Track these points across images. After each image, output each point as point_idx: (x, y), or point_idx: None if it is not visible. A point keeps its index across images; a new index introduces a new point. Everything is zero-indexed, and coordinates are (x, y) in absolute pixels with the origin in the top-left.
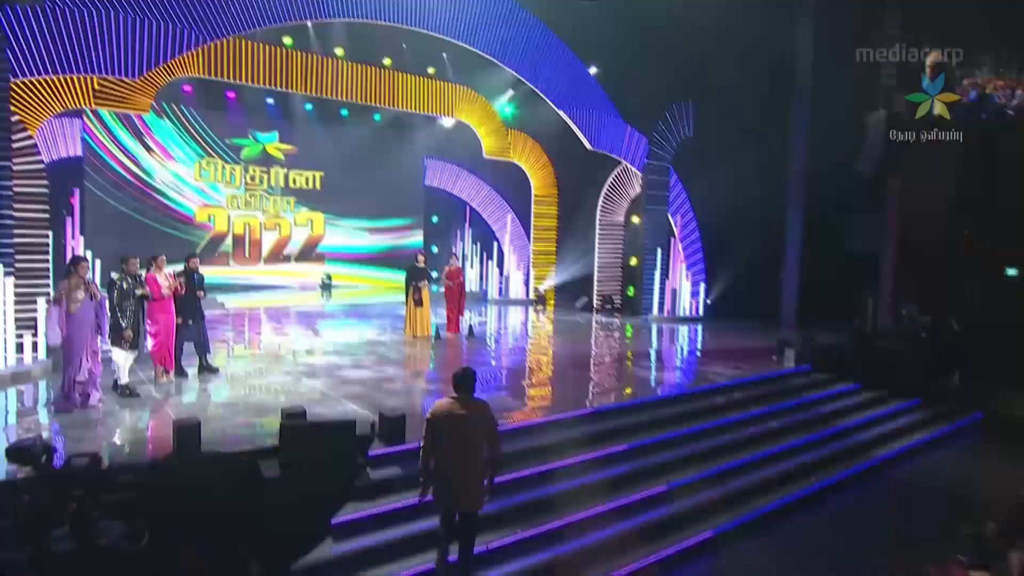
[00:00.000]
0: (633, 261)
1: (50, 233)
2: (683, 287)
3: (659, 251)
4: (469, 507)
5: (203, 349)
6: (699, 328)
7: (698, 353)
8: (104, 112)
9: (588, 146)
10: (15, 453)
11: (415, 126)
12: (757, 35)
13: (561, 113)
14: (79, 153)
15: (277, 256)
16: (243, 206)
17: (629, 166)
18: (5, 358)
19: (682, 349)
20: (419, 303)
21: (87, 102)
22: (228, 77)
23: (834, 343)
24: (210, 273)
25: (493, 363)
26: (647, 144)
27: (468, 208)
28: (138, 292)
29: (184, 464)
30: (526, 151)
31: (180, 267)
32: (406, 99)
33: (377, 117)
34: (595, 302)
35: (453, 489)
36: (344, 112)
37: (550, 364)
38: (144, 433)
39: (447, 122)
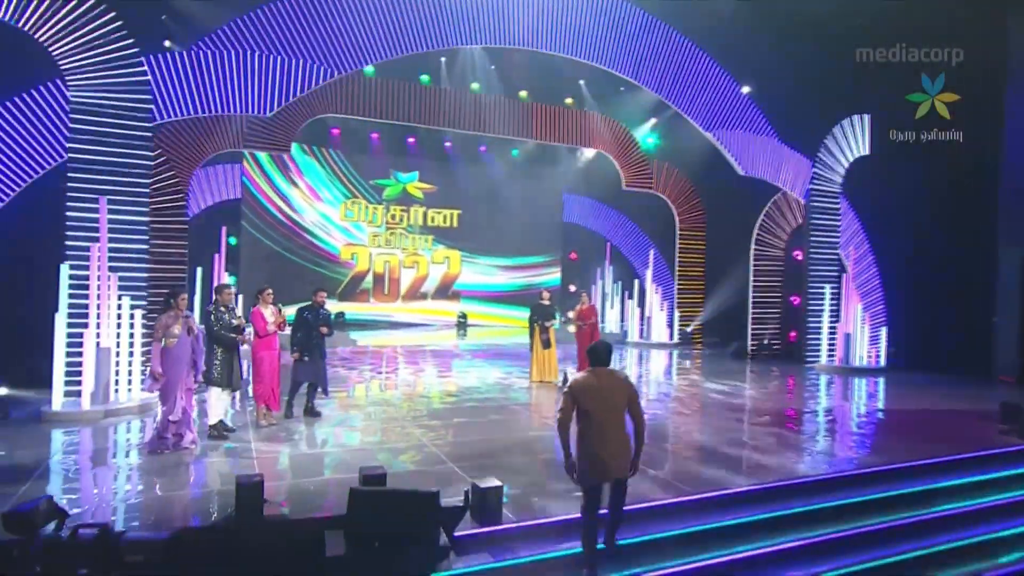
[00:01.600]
0: (795, 301)
1: (199, 269)
2: (858, 332)
3: (827, 289)
4: (620, 474)
5: (314, 389)
6: (880, 382)
7: (880, 415)
8: (261, 156)
9: (740, 172)
10: (10, 519)
11: (553, 160)
12: (950, 24)
13: (709, 136)
14: (238, 195)
15: (414, 294)
16: (384, 244)
17: (789, 193)
18: (130, 390)
19: (861, 410)
20: (547, 344)
21: (236, 143)
22: (366, 115)
23: None
24: (351, 309)
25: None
26: (811, 167)
27: (608, 244)
28: (234, 322)
29: (219, 538)
30: (669, 182)
31: (307, 303)
32: (544, 130)
33: (515, 152)
34: (749, 347)
35: (604, 459)
36: (482, 148)
37: (696, 424)
38: (208, 487)
39: (586, 154)
